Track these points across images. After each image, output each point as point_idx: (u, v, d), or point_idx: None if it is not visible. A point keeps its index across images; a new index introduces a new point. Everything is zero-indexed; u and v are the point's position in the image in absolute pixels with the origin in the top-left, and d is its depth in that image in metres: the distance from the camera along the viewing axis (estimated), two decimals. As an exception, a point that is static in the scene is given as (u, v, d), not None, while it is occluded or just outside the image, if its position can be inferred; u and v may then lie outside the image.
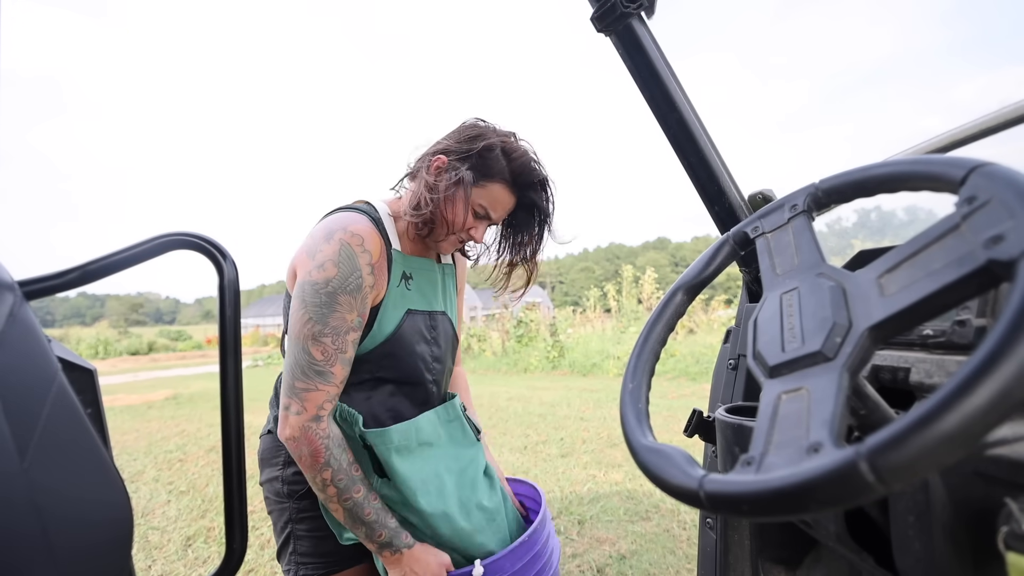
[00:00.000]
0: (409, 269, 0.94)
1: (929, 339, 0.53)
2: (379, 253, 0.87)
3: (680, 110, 0.89)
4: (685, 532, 2.35)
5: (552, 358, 8.56)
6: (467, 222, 0.90)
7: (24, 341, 0.36)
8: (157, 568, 2.20)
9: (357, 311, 0.83)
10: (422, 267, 0.97)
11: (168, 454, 4.07)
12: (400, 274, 0.92)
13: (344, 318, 0.81)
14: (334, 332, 0.81)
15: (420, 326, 0.95)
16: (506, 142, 0.91)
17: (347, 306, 0.81)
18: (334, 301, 0.80)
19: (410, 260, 0.95)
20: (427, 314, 0.97)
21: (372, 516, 0.83)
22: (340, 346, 0.81)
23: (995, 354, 0.23)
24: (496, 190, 0.90)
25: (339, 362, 0.82)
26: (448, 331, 1.03)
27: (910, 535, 0.44)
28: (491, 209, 0.91)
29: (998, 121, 0.70)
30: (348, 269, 0.82)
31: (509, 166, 0.90)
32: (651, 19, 0.87)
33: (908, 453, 0.24)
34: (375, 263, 0.86)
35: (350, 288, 0.81)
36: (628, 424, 0.45)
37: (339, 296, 0.81)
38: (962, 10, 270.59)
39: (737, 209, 0.93)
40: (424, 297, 0.97)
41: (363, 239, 0.84)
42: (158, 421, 5.53)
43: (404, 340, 0.91)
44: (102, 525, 0.41)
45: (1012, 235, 0.28)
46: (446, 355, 1.02)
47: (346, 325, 0.82)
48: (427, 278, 0.98)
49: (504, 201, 0.92)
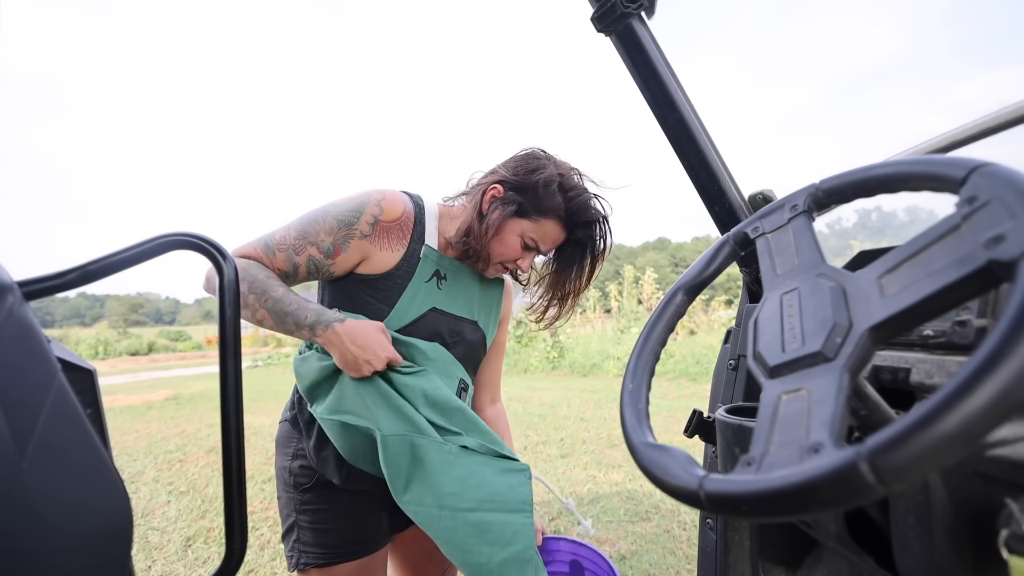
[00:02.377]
0: (445, 270, 0.94)
1: (929, 339, 0.53)
2: (392, 218, 0.88)
3: (680, 110, 0.89)
4: (685, 533, 2.34)
5: (552, 358, 8.56)
6: (514, 253, 0.91)
7: (23, 341, 0.36)
8: (157, 568, 2.20)
9: (334, 239, 0.86)
10: (461, 272, 0.97)
11: (168, 454, 4.07)
12: (432, 271, 0.92)
13: (319, 233, 0.85)
14: (301, 233, 0.85)
15: (441, 328, 0.94)
16: (565, 177, 0.90)
17: (328, 228, 0.85)
18: (322, 217, 0.86)
19: (448, 262, 0.95)
20: (454, 319, 0.96)
21: (293, 305, 0.83)
22: (297, 246, 0.85)
23: (995, 354, 0.23)
24: (549, 226, 0.90)
25: (286, 256, 0.85)
26: (474, 343, 1.00)
27: (910, 536, 0.43)
28: (541, 243, 0.91)
29: (998, 121, 0.70)
30: (352, 206, 0.86)
31: (565, 203, 0.89)
32: (651, 19, 0.87)
33: (908, 454, 0.23)
34: (382, 222, 0.87)
35: (340, 217, 0.86)
36: (628, 424, 0.45)
37: (328, 217, 0.86)
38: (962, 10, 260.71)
39: (737, 209, 0.93)
40: (455, 301, 0.96)
41: (383, 198, 0.88)
42: (158, 421, 5.53)
43: (420, 334, 0.91)
44: (102, 526, 0.41)
45: (1013, 235, 0.28)
46: (464, 364, 0.99)
47: (315, 238, 0.85)
48: (464, 285, 0.97)
49: (555, 236, 0.91)
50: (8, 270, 0.38)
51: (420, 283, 0.91)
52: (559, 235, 0.92)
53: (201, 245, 0.64)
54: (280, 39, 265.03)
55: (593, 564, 1.13)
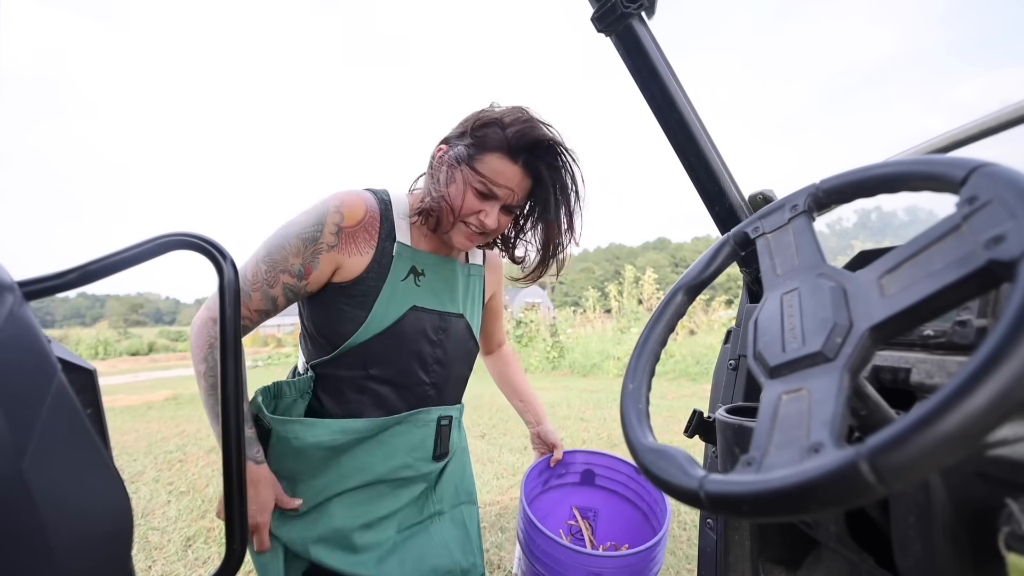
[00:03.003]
0: (422, 265, 0.91)
1: (930, 339, 0.53)
2: (355, 221, 0.84)
3: (680, 110, 0.89)
4: (685, 533, 2.34)
5: (552, 358, 8.56)
6: (470, 204, 0.84)
7: (23, 341, 0.36)
8: (157, 568, 2.20)
9: (303, 259, 0.82)
10: (439, 265, 0.94)
11: (168, 454, 4.07)
12: (408, 268, 0.89)
13: (287, 258, 0.82)
14: (270, 264, 0.82)
15: (425, 325, 0.91)
16: (505, 114, 0.83)
17: (294, 249, 0.82)
18: (285, 240, 0.82)
19: (423, 256, 0.92)
20: (437, 314, 0.93)
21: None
22: (269, 280, 0.82)
23: (996, 354, 0.23)
24: (494, 161, 0.82)
25: (261, 292, 0.83)
26: (462, 335, 0.98)
27: (911, 535, 0.43)
28: (492, 184, 0.83)
29: (999, 121, 0.70)
30: (313, 219, 0.83)
31: (505, 134, 0.81)
32: (651, 19, 0.87)
33: (909, 453, 0.23)
34: (345, 228, 0.84)
35: (303, 235, 0.82)
36: (628, 424, 0.45)
37: (292, 238, 0.82)
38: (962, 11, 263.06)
39: (737, 209, 0.93)
40: (437, 296, 0.93)
41: (342, 203, 0.84)
42: (158, 421, 5.53)
43: (403, 336, 0.88)
44: (102, 526, 0.41)
45: (1013, 235, 0.28)
46: (454, 360, 0.98)
47: (285, 264, 0.82)
48: (444, 277, 0.95)
49: (506, 173, 0.83)
50: (8, 270, 0.38)
51: (396, 283, 0.88)
52: (512, 171, 0.82)
53: (201, 245, 0.64)
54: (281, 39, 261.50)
55: (607, 469, 1.23)
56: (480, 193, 0.84)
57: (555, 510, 1.25)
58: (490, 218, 0.85)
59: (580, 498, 1.26)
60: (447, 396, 1.00)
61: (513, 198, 0.85)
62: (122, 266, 0.57)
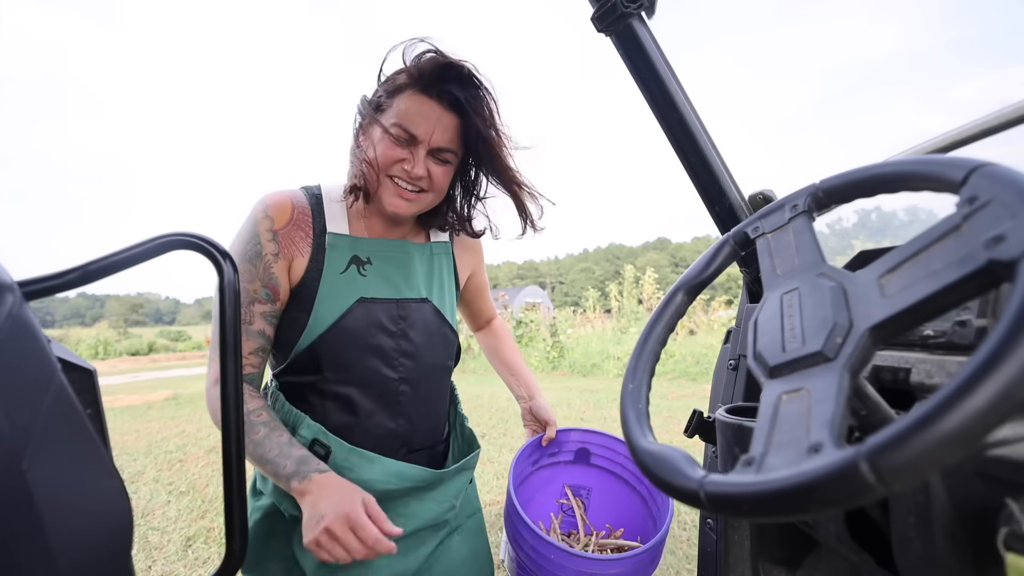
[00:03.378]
0: (366, 253, 0.85)
1: (930, 339, 0.53)
2: (286, 220, 0.80)
3: (680, 110, 0.89)
4: (685, 532, 2.34)
5: (552, 358, 8.56)
6: (388, 153, 0.77)
7: (23, 341, 0.36)
8: (157, 568, 2.20)
9: (260, 281, 0.78)
10: (387, 249, 0.87)
11: (168, 454, 4.07)
12: (347, 259, 0.83)
13: (246, 288, 0.78)
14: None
15: (379, 316, 0.84)
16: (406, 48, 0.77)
17: (248, 275, 0.78)
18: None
19: (366, 243, 0.85)
20: (393, 303, 0.85)
21: (275, 451, 0.75)
22: (245, 317, 0.79)
23: (996, 354, 0.23)
24: (406, 101, 0.76)
25: (245, 334, 0.78)
26: (430, 321, 0.89)
27: (910, 535, 0.43)
28: (409, 124, 0.76)
29: (998, 121, 0.70)
30: (247, 236, 0.79)
31: (408, 71, 0.76)
32: (651, 19, 0.87)
33: (909, 454, 0.23)
34: (280, 230, 0.79)
35: (248, 256, 0.78)
36: (628, 424, 0.45)
37: (240, 264, 0.77)
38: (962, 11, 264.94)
39: (737, 209, 0.93)
40: (389, 283, 0.86)
41: (267, 206, 0.80)
42: (158, 421, 5.53)
43: (351, 332, 0.82)
44: (102, 525, 0.41)
45: (1013, 235, 0.28)
46: (424, 350, 0.88)
47: (248, 296, 0.78)
48: (395, 261, 0.87)
49: (422, 107, 0.76)
50: (8, 270, 0.38)
51: (334, 275, 0.82)
52: (427, 106, 0.76)
53: (201, 245, 0.64)
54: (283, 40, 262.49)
55: (604, 448, 1.14)
56: (397, 139, 0.77)
57: (544, 488, 1.17)
58: (416, 166, 0.77)
59: (573, 476, 1.17)
60: (424, 391, 0.90)
61: (438, 138, 0.78)
62: (122, 266, 0.57)
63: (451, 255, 0.97)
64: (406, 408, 0.87)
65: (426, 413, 0.91)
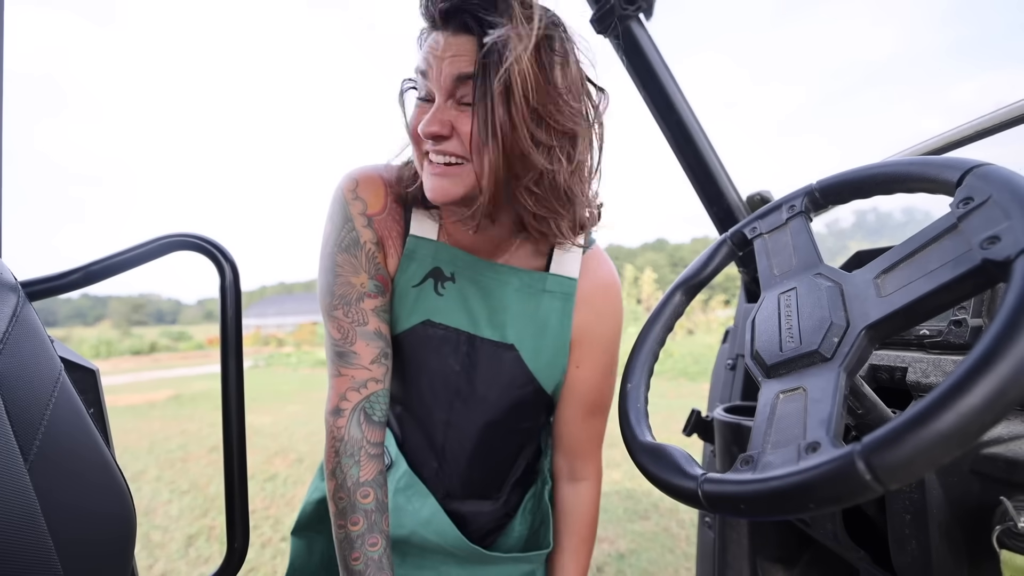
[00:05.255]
0: (450, 267, 0.68)
1: (926, 339, 0.53)
2: (382, 203, 0.66)
3: (679, 111, 0.89)
4: (683, 531, 2.35)
5: (552, 358, 8.56)
6: (415, 117, 0.59)
7: (27, 341, 0.36)
8: (159, 567, 2.21)
9: (366, 272, 0.65)
10: (477, 269, 0.68)
11: (170, 453, 4.08)
12: (425, 271, 0.68)
13: (349, 282, 0.64)
14: (344, 302, 0.64)
15: (442, 346, 0.68)
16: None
17: (349, 267, 0.65)
18: (333, 264, 0.65)
19: (454, 255, 0.68)
20: (465, 336, 0.68)
21: (360, 564, 0.61)
22: (356, 318, 0.64)
23: (991, 353, 0.23)
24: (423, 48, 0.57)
25: (360, 337, 0.64)
26: (506, 372, 0.69)
27: (906, 533, 0.44)
28: (426, 66, 0.56)
29: (996, 122, 0.70)
30: (340, 221, 0.65)
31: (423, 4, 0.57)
32: (649, 21, 0.87)
33: (905, 452, 0.24)
34: (374, 215, 0.66)
35: (345, 245, 0.65)
36: (627, 424, 0.45)
37: (336, 256, 0.65)
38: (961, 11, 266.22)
39: (735, 210, 0.94)
40: (466, 312, 0.68)
41: (357, 183, 0.66)
42: (160, 421, 5.53)
43: (408, 352, 0.69)
44: (105, 524, 0.41)
45: (1008, 236, 0.28)
46: (488, 402, 0.69)
47: (355, 291, 0.64)
48: (482, 287, 0.68)
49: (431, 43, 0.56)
50: (12, 270, 0.39)
51: (406, 287, 0.67)
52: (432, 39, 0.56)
53: (202, 246, 0.64)
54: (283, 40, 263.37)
55: None
56: (421, 98, 0.59)
57: None
58: (429, 119, 0.55)
59: None
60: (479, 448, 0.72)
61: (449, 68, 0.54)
62: (124, 267, 0.57)
63: (571, 297, 0.70)
64: (452, 456, 0.72)
65: (482, 470, 0.73)
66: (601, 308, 0.71)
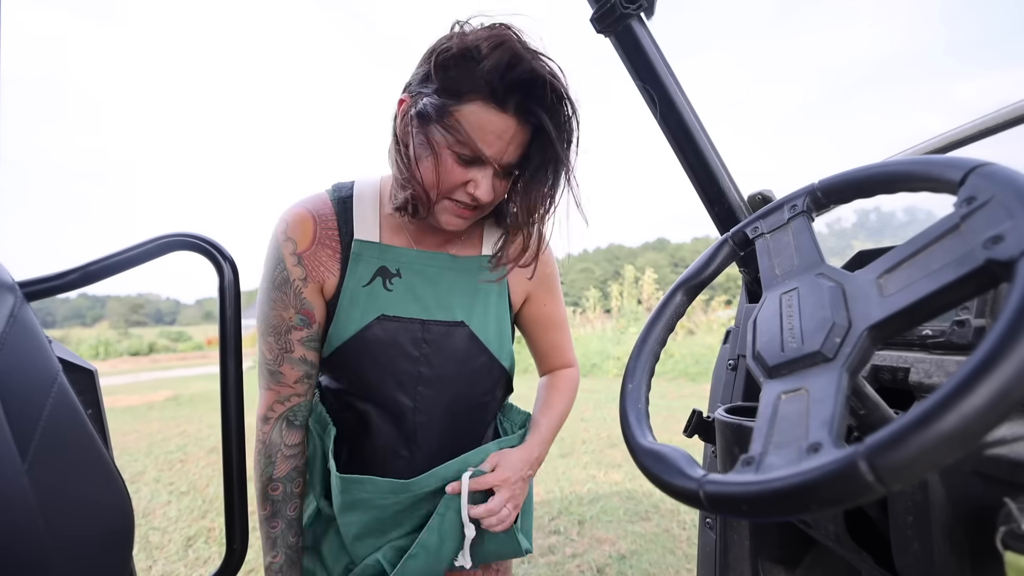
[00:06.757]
0: (395, 264, 0.75)
1: (928, 339, 0.53)
2: (309, 241, 0.72)
3: (680, 111, 0.89)
4: (685, 532, 2.35)
5: (552, 358, 8.55)
6: (452, 176, 0.65)
7: (25, 342, 0.36)
8: (158, 568, 2.20)
9: (293, 308, 0.73)
10: (420, 261, 0.76)
11: (169, 455, 4.07)
12: (372, 270, 0.74)
13: (280, 315, 0.73)
14: (275, 331, 0.73)
15: (400, 337, 0.74)
16: (478, 40, 0.60)
17: (280, 303, 0.73)
18: (268, 297, 0.73)
19: (396, 252, 0.75)
20: (418, 323, 0.75)
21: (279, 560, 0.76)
22: (284, 346, 0.73)
23: (994, 354, 0.23)
24: (476, 112, 0.61)
25: (287, 362, 0.74)
26: (462, 347, 0.77)
27: (909, 535, 0.44)
28: (481, 142, 0.62)
29: (998, 121, 0.70)
30: (272, 263, 0.73)
31: (484, 70, 0.59)
32: (650, 20, 0.87)
33: (907, 453, 0.24)
34: (303, 252, 0.72)
35: (277, 283, 0.72)
36: (628, 424, 0.45)
37: (270, 292, 0.73)
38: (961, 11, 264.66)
39: (736, 210, 0.93)
40: (417, 301, 0.75)
41: (287, 225, 0.73)
42: (159, 422, 5.53)
43: (368, 350, 0.74)
44: (103, 525, 0.41)
45: (1011, 235, 0.28)
46: (449, 380, 0.77)
47: (284, 323, 0.73)
48: (428, 276, 0.76)
49: (495, 124, 0.62)
50: (9, 270, 0.38)
51: (356, 288, 0.73)
52: (502, 121, 0.62)
53: (201, 246, 0.64)
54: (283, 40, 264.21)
55: None
56: (463, 158, 0.64)
57: None
58: (482, 189, 0.65)
59: None
60: (449, 426, 0.79)
61: (510, 156, 0.65)
62: (122, 267, 0.57)
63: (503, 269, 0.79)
64: (423, 440, 0.78)
65: (452, 448, 0.79)
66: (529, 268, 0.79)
